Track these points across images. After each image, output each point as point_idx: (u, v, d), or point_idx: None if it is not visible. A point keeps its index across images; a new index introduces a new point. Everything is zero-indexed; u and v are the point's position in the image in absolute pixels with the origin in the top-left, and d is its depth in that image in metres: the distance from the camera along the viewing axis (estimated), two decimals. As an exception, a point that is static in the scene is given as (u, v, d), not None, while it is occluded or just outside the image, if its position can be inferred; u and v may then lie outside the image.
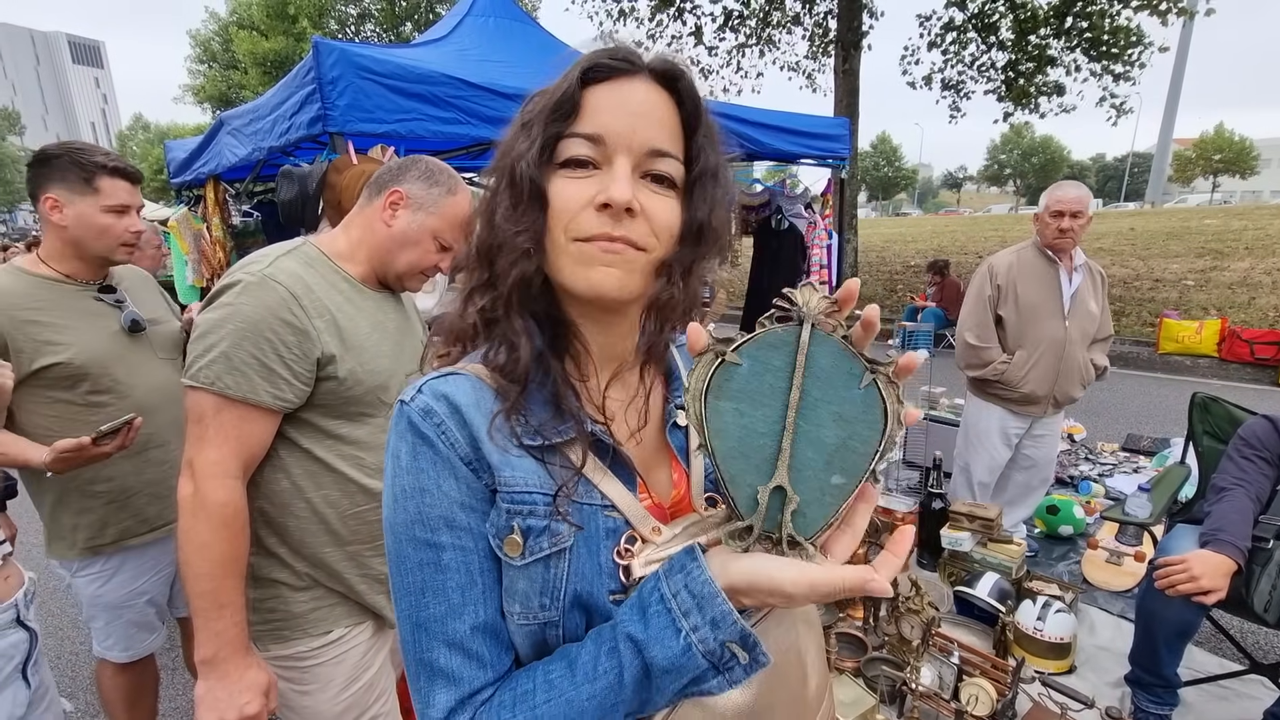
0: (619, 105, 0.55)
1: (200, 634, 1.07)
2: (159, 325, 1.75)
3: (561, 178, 0.55)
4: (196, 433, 1.07)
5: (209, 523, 1.05)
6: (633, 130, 0.54)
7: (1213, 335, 6.73)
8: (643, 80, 0.56)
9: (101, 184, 1.55)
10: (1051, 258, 2.72)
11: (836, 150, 4.19)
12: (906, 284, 12.13)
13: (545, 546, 0.55)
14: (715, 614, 0.49)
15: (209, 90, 23.14)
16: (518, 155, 0.55)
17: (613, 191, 0.53)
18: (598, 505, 0.58)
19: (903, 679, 1.93)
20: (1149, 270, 11.25)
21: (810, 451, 0.49)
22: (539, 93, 0.58)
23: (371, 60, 2.16)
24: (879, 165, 68.98)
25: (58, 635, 2.94)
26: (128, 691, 1.84)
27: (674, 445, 0.66)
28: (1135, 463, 4.22)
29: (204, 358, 1.06)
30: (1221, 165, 53.70)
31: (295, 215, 2.28)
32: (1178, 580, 1.71)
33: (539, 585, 0.55)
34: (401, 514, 0.56)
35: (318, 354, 1.11)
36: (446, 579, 0.55)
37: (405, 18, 20.00)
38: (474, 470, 0.56)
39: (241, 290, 1.08)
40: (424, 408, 0.56)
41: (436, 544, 0.55)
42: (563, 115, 0.54)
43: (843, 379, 0.48)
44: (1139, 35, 9.91)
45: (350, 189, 1.79)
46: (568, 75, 0.55)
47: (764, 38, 12.83)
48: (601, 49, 0.56)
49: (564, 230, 0.55)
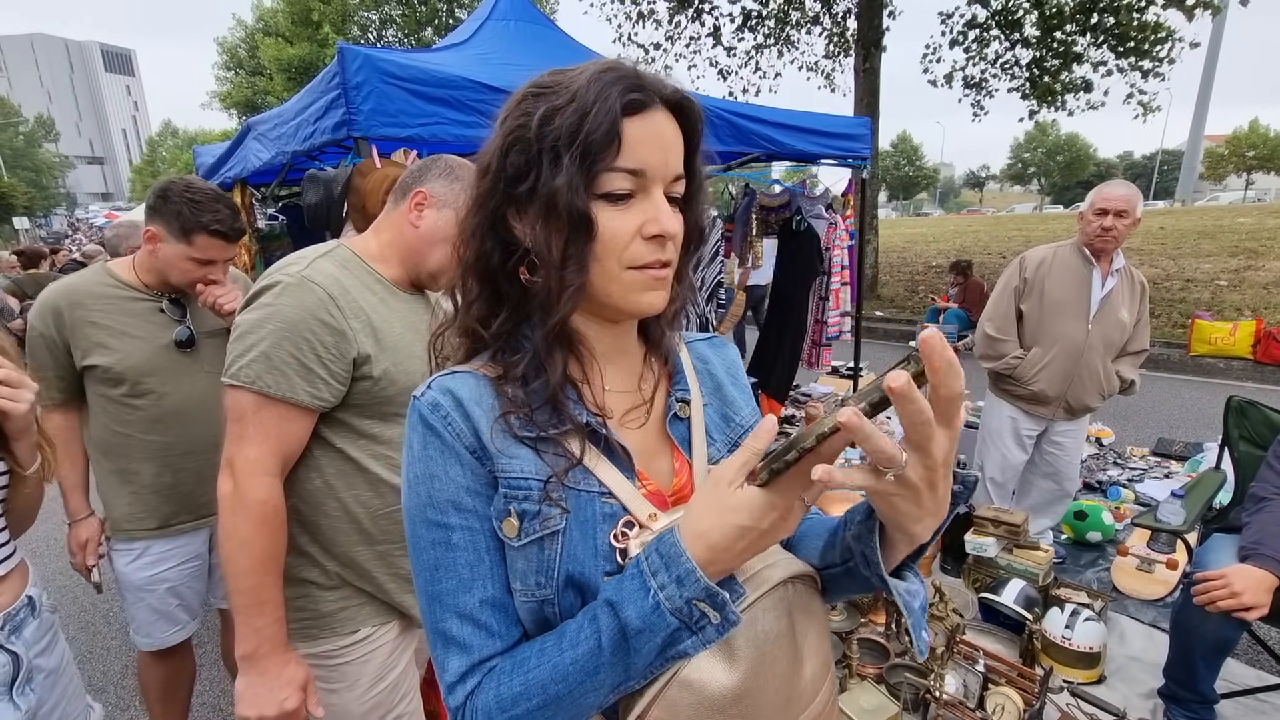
0: (654, 140, 0.58)
1: (241, 630, 1.09)
2: (218, 338, 1.77)
3: (604, 209, 0.58)
4: (236, 431, 1.09)
5: (249, 520, 1.07)
6: (665, 163, 0.59)
7: (1247, 337, 6.54)
8: (660, 111, 0.59)
9: (197, 240, 1.62)
10: (1088, 258, 2.64)
11: (857, 150, 4.14)
12: (928, 285, 11.98)
13: (538, 529, 0.59)
14: (680, 571, 0.52)
15: (235, 96, 23.59)
16: (559, 187, 0.56)
17: (665, 224, 0.59)
18: (595, 492, 0.62)
19: (926, 687, 1.90)
20: (1180, 270, 10.98)
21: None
22: (550, 110, 0.57)
23: (395, 65, 2.19)
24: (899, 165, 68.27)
25: (90, 630, 3.01)
26: (162, 682, 1.89)
27: (675, 436, 0.70)
28: (1166, 468, 4.11)
29: (244, 357, 1.08)
30: (1256, 162, 52.28)
31: (320, 219, 2.32)
32: (1218, 596, 1.66)
33: (535, 565, 0.59)
34: (414, 498, 0.62)
35: (354, 354, 1.13)
36: (456, 556, 0.60)
37: (426, 23, 20.21)
38: (478, 458, 0.61)
39: (281, 291, 1.10)
40: (432, 402, 0.62)
41: (446, 525, 0.60)
42: (605, 148, 0.56)
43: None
44: (1169, 31, 9.67)
45: (374, 193, 1.81)
46: (603, 106, 0.55)
47: (782, 38, 12.75)
48: (626, 76, 0.57)
49: (618, 260, 0.59)
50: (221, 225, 1.64)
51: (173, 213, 1.61)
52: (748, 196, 4.68)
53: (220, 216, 1.64)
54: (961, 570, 2.67)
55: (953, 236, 21.16)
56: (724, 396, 0.77)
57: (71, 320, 1.63)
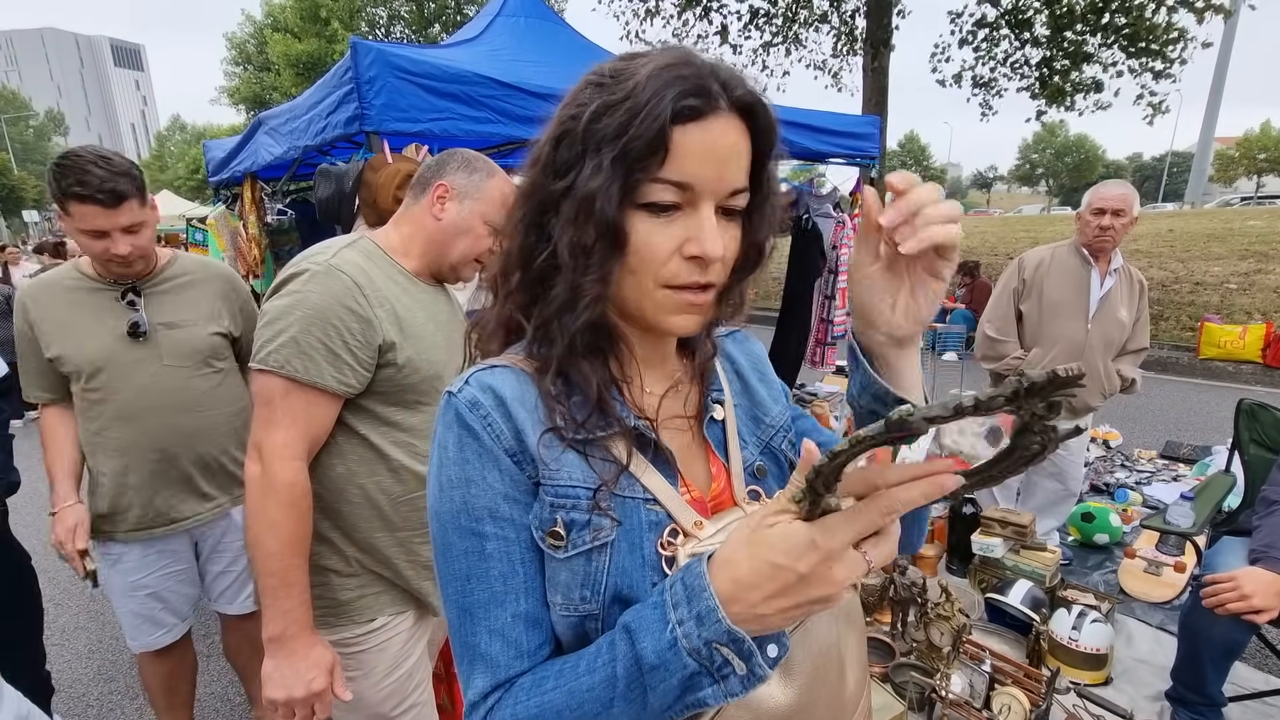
0: (708, 152, 0.52)
1: (268, 612, 1.10)
2: (179, 330, 1.70)
3: (644, 220, 0.54)
4: (265, 415, 1.11)
5: (278, 503, 1.09)
6: (719, 178, 0.54)
7: (1257, 340, 6.50)
8: (725, 117, 0.53)
9: (71, 209, 1.47)
10: (1087, 258, 2.65)
11: (866, 149, 4.13)
12: (934, 285, 11.90)
13: (587, 540, 0.55)
14: (701, 608, 0.47)
15: (244, 92, 23.69)
16: (594, 191, 0.52)
17: (707, 246, 0.54)
18: (640, 499, 0.58)
19: (932, 686, 1.90)
20: (1189, 273, 10.91)
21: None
22: (603, 105, 0.52)
23: (407, 60, 2.19)
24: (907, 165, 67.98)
25: (99, 619, 3.04)
26: (162, 678, 1.89)
27: (711, 439, 0.66)
28: (1174, 471, 4.09)
29: (273, 342, 1.09)
30: (1266, 164, 51.87)
31: (331, 213, 2.33)
32: (1228, 599, 1.65)
33: (580, 577, 0.56)
34: (447, 503, 0.57)
35: (379, 341, 1.15)
36: (490, 567, 0.56)
37: (434, 19, 20.25)
38: (517, 463, 0.57)
39: (309, 278, 1.12)
40: (471, 400, 0.57)
41: (480, 533, 0.56)
42: (648, 156, 0.51)
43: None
44: (1180, 31, 9.60)
45: (385, 187, 1.82)
46: (652, 110, 0.50)
47: (790, 36, 12.70)
48: (682, 74, 0.51)
49: (653, 277, 0.55)
50: (85, 188, 1.42)
51: (50, 184, 1.47)
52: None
53: (86, 178, 1.42)
54: (968, 571, 2.67)
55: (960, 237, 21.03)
56: (753, 396, 0.74)
57: (37, 314, 1.61)
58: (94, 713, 2.45)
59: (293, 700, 1.10)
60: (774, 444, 0.71)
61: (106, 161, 1.49)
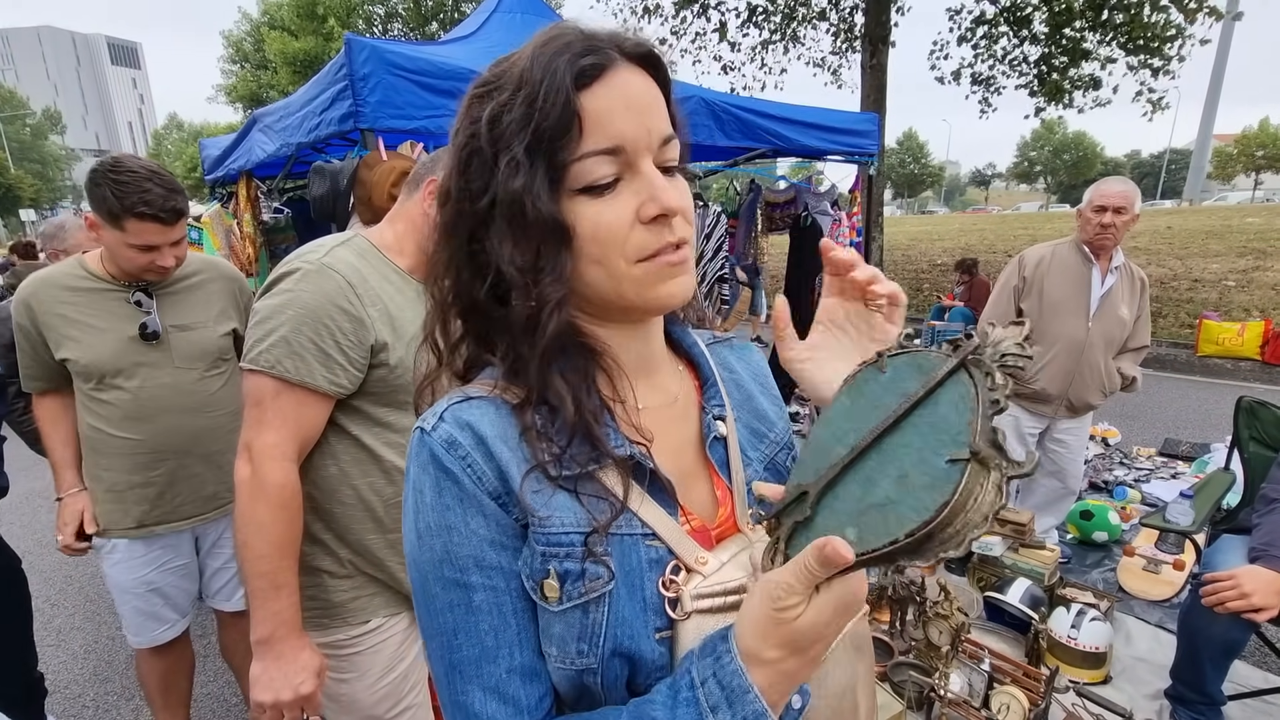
0: (625, 105, 0.49)
1: (257, 614, 1.09)
2: (190, 332, 1.71)
3: (587, 204, 0.50)
4: (255, 415, 1.09)
5: (267, 504, 1.08)
6: (646, 129, 0.50)
7: (1255, 337, 6.49)
8: (626, 68, 0.50)
9: (128, 225, 1.51)
10: (1088, 256, 2.63)
11: (864, 146, 4.11)
12: (933, 283, 11.94)
13: (583, 591, 0.51)
14: (748, 713, 0.44)
15: (241, 90, 23.60)
16: (519, 191, 0.48)
17: (664, 200, 0.50)
18: (638, 534, 0.54)
19: (931, 685, 1.89)
20: (1187, 270, 10.91)
21: (856, 489, 0.43)
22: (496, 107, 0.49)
23: (402, 57, 2.18)
24: (905, 162, 68.00)
25: (95, 620, 3.02)
26: (159, 676, 1.89)
27: (714, 460, 0.61)
28: (1173, 468, 4.09)
29: (264, 342, 1.08)
30: (1265, 162, 51.94)
31: (326, 211, 2.31)
32: (1227, 597, 1.65)
33: (576, 631, 0.51)
34: (428, 552, 0.52)
35: (371, 341, 1.14)
36: (479, 621, 0.52)
37: (431, 16, 20.18)
38: (503, 506, 0.52)
39: (301, 277, 1.11)
40: (447, 439, 0.52)
41: (466, 584, 0.52)
42: (563, 132, 0.48)
43: (941, 439, 0.40)
44: (1178, 29, 9.59)
45: (380, 185, 1.80)
46: (550, 84, 0.47)
47: (789, 33, 12.68)
48: (566, 40, 0.49)
49: (623, 256, 0.51)
50: (150, 208, 1.50)
51: (100, 198, 1.50)
52: (753, 193, 4.66)
53: (149, 198, 1.49)
54: (967, 569, 2.66)
55: (958, 235, 21.09)
56: (755, 408, 0.69)
57: (42, 313, 1.60)
58: (90, 714, 2.44)
59: (280, 703, 1.09)
60: (778, 460, 0.67)
61: (160, 178, 1.54)
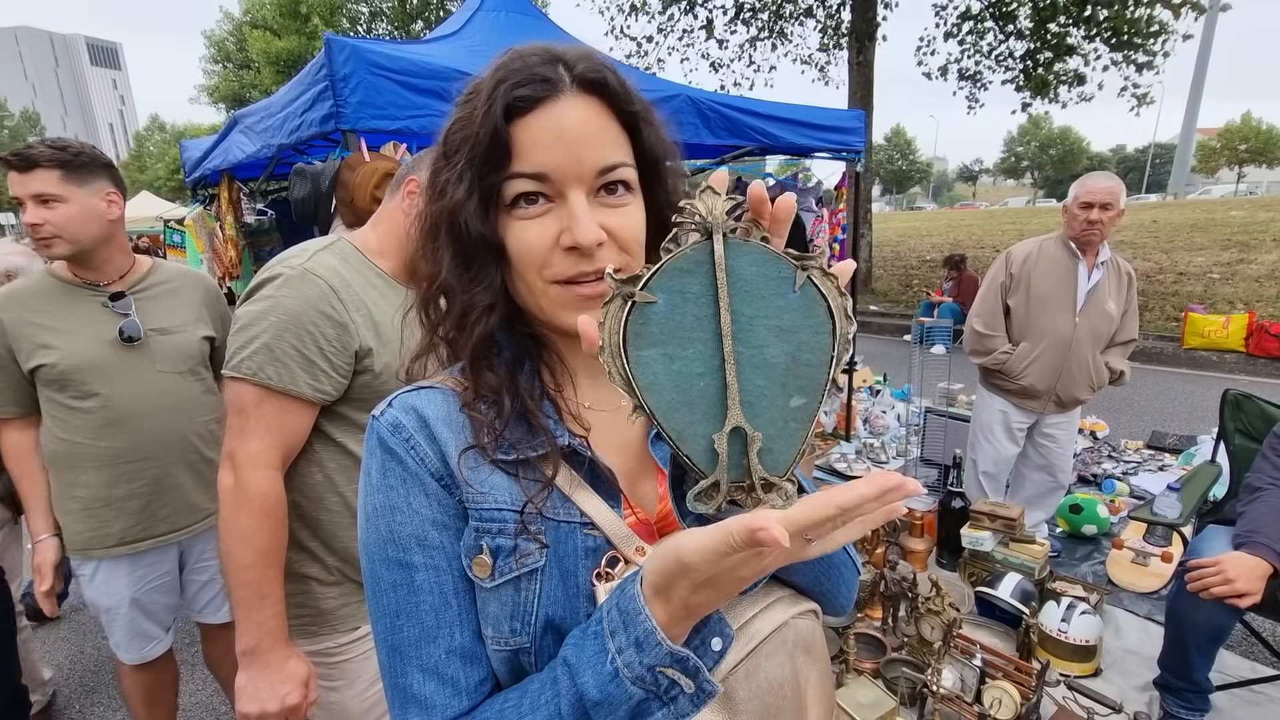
0: (554, 138, 0.50)
1: (241, 625, 1.08)
2: (170, 336, 1.68)
3: (516, 220, 0.52)
4: (238, 424, 1.08)
5: (251, 514, 1.06)
6: (577, 160, 0.51)
7: (1240, 330, 6.58)
8: (569, 96, 0.51)
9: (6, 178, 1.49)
10: (1074, 251, 2.64)
11: (851, 143, 4.12)
12: (922, 279, 12.00)
13: (514, 567, 0.52)
14: (639, 632, 0.44)
15: (223, 90, 23.37)
16: (455, 204, 0.52)
17: (577, 234, 0.50)
18: (576, 523, 0.55)
19: (923, 681, 1.90)
20: (1172, 263, 11.03)
21: (760, 379, 0.43)
22: (455, 120, 0.54)
23: (383, 57, 2.15)
24: (893, 158, 68.34)
25: (81, 631, 2.98)
26: (144, 690, 1.85)
27: (657, 457, 0.62)
28: (1160, 461, 4.13)
29: (246, 349, 1.07)
30: (1248, 155, 52.61)
31: (308, 213, 2.28)
32: (1211, 583, 1.66)
33: (509, 609, 0.52)
34: (373, 533, 0.54)
35: (355, 347, 1.13)
36: (420, 601, 0.53)
37: (416, 15, 20.03)
38: (445, 486, 0.54)
39: (283, 283, 1.09)
40: (393, 422, 0.55)
41: (409, 564, 0.53)
42: (494, 159, 0.50)
43: (773, 286, 0.43)
44: (1162, 25, 9.68)
45: (363, 186, 1.77)
46: (489, 113, 0.50)
47: (776, 30, 12.71)
48: (513, 68, 0.51)
49: (538, 275, 0.53)
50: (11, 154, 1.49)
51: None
52: (738, 189, 4.66)
53: (17, 148, 1.49)
54: (958, 564, 2.68)
55: (946, 230, 21.21)
56: None
57: (12, 325, 1.55)
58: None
59: (266, 714, 1.08)
60: None
61: (49, 140, 1.54)
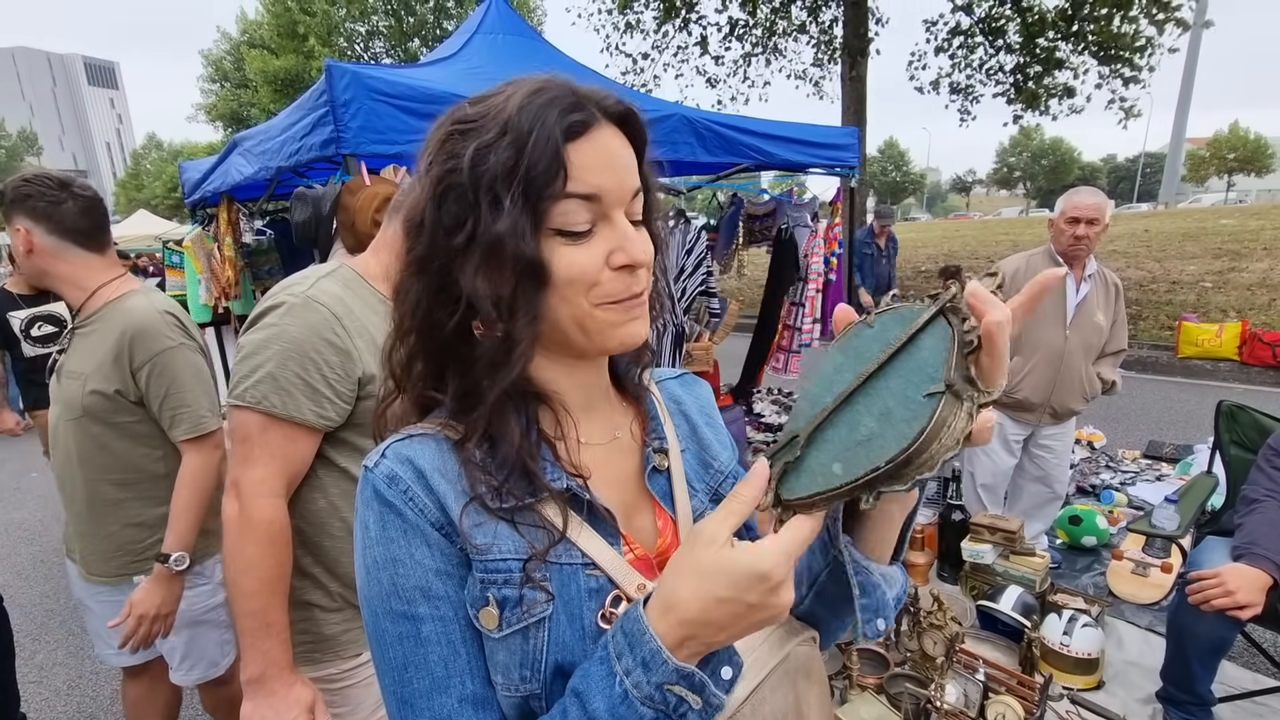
0: (604, 162, 0.52)
1: (247, 654, 1.08)
2: (69, 380, 1.56)
3: (562, 244, 0.52)
4: (242, 452, 1.08)
5: (256, 542, 1.07)
6: (621, 182, 0.53)
7: (1233, 338, 6.61)
8: (606, 127, 0.53)
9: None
10: (1061, 265, 2.68)
11: (845, 159, 4.16)
12: (917, 289, 12.04)
13: (521, 617, 0.52)
14: (645, 653, 0.45)
15: (221, 109, 23.51)
16: (502, 234, 0.49)
17: (634, 252, 0.53)
18: (578, 564, 0.55)
19: (927, 697, 1.89)
20: (1165, 272, 11.10)
21: (843, 430, 0.47)
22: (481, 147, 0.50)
23: (383, 82, 2.18)
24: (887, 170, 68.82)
25: (79, 655, 2.95)
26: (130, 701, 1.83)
27: (655, 491, 0.63)
28: (1158, 470, 4.14)
29: (250, 378, 1.08)
30: (1236, 164, 53.14)
31: (309, 236, 2.30)
32: (1213, 595, 1.67)
33: (518, 657, 0.53)
34: (375, 586, 0.54)
35: (359, 373, 1.13)
36: (428, 652, 0.53)
37: (413, 34, 20.23)
38: (446, 535, 0.53)
39: (286, 311, 1.10)
40: (389, 474, 0.54)
41: (414, 616, 0.53)
42: (549, 181, 0.50)
43: (918, 375, 0.44)
44: (1149, 40, 9.83)
45: (364, 210, 1.79)
46: (542, 134, 0.49)
47: (770, 46, 12.85)
48: (554, 94, 0.51)
49: (587, 298, 0.53)
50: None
51: None
52: (734, 205, 4.70)
53: None
54: (959, 578, 2.67)
55: (941, 241, 21.34)
56: (701, 440, 0.71)
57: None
58: (72, 753, 2.38)
59: None
60: (723, 490, 0.68)
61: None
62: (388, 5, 20.07)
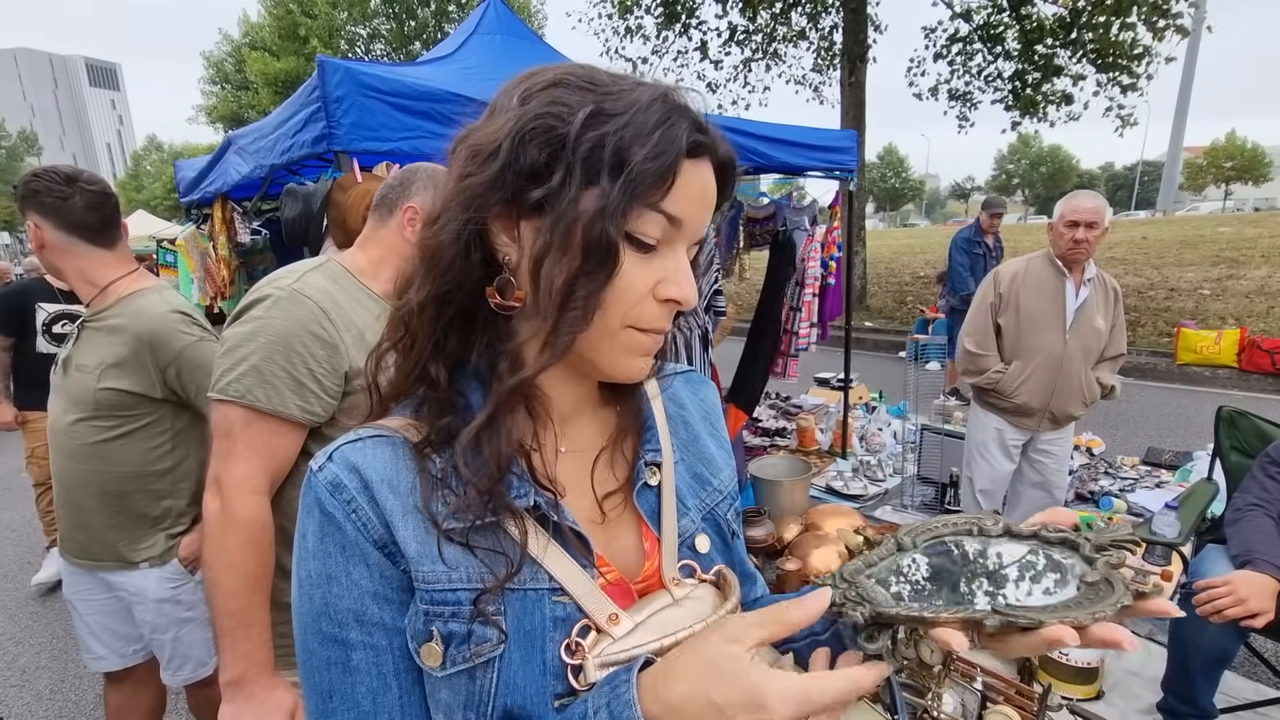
0: (699, 193, 0.49)
1: (226, 655, 1.05)
2: (79, 374, 1.54)
3: (628, 252, 0.47)
4: (224, 447, 1.06)
5: (237, 540, 1.04)
6: (700, 221, 0.50)
7: (1232, 345, 6.60)
8: (708, 164, 0.50)
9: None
10: (1061, 269, 2.66)
11: (844, 163, 4.15)
12: (916, 295, 12.05)
13: (468, 656, 0.47)
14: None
15: (221, 110, 23.52)
16: (588, 211, 0.44)
17: (686, 293, 0.50)
18: (544, 589, 0.49)
19: (924, 706, 1.86)
20: (1163, 279, 11.12)
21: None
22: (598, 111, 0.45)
23: (375, 78, 2.15)
24: (886, 176, 69.11)
25: (62, 659, 2.91)
26: (111, 707, 1.80)
27: (643, 509, 0.57)
28: (1157, 477, 4.11)
29: (234, 371, 1.05)
30: (1234, 173, 53.41)
31: (299, 233, 2.27)
32: (1224, 604, 1.63)
33: (463, 698, 0.47)
34: (306, 603, 0.49)
35: (345, 368, 1.11)
36: (356, 682, 0.48)
37: (414, 37, 20.27)
38: (389, 555, 0.48)
39: (272, 304, 1.08)
40: (332, 481, 0.49)
41: (345, 641, 0.48)
42: (656, 184, 0.45)
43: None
44: (1145, 48, 9.86)
45: (355, 207, 1.77)
46: (667, 135, 0.45)
47: (770, 52, 12.88)
48: (690, 112, 0.48)
49: (622, 316, 0.49)
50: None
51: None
52: (734, 209, 4.67)
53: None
54: (956, 585, 2.64)
55: (939, 247, 21.33)
56: (699, 451, 0.65)
57: None
58: (53, 759, 2.34)
59: None
60: (718, 511, 0.63)
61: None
62: (389, 8, 20.11)
